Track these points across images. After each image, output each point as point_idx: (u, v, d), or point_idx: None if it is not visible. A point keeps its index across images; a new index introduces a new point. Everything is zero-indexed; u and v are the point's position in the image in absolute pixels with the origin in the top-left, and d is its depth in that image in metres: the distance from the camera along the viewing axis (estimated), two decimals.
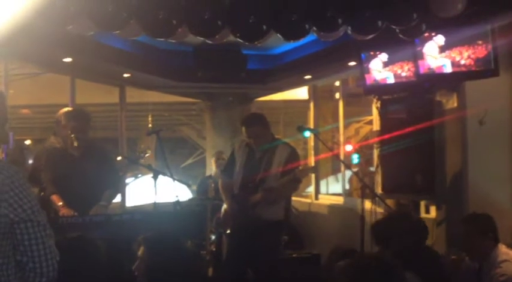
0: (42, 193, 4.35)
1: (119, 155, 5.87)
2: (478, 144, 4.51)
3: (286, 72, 6.82)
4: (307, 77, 6.82)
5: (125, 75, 6.43)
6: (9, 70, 5.18)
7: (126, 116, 7.12)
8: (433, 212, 4.74)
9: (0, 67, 5.14)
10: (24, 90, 8.22)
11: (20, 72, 7.18)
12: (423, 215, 4.77)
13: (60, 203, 4.15)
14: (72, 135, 4.24)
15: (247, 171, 4.59)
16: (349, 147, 6.72)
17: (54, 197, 4.20)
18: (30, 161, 5.12)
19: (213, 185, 6.21)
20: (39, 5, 3.43)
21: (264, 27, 3.87)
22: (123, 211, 6.05)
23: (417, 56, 4.37)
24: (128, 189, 7.13)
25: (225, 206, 4.71)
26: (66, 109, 4.69)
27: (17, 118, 10.26)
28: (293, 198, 8.52)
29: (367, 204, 5.10)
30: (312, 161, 7.69)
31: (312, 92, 7.81)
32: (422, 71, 4.35)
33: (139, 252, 2.49)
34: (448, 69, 4.19)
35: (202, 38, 4.07)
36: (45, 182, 4.37)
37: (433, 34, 4.20)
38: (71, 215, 4.06)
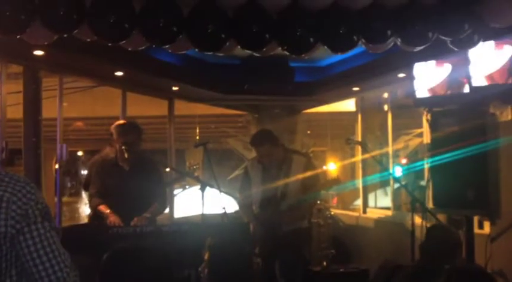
0: (88, 203, 4.44)
1: (167, 167, 5.95)
2: None
3: (334, 84, 6.77)
4: (355, 88, 6.76)
5: (174, 88, 6.54)
6: (63, 84, 5.36)
7: (174, 128, 7.24)
8: (486, 228, 4.58)
9: (56, 81, 5.32)
10: (77, 103, 8.48)
11: (73, 86, 7.42)
12: (476, 230, 4.62)
13: (108, 211, 4.23)
14: (123, 148, 4.33)
15: (266, 188, 4.59)
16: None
17: (102, 207, 4.30)
18: (83, 172, 5.23)
19: None
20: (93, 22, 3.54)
21: (312, 39, 3.86)
22: (171, 222, 6.12)
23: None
24: (175, 200, 7.22)
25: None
26: (118, 123, 4.69)
27: (69, 130, 10.59)
28: (340, 211, 8.44)
29: (417, 219, 4.99)
30: (359, 175, 7.59)
31: (360, 104, 7.73)
32: (475, 83, 4.24)
33: (206, 256, 2.64)
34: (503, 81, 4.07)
35: (250, 51, 4.09)
36: (92, 192, 4.46)
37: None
38: (118, 222, 4.14)
